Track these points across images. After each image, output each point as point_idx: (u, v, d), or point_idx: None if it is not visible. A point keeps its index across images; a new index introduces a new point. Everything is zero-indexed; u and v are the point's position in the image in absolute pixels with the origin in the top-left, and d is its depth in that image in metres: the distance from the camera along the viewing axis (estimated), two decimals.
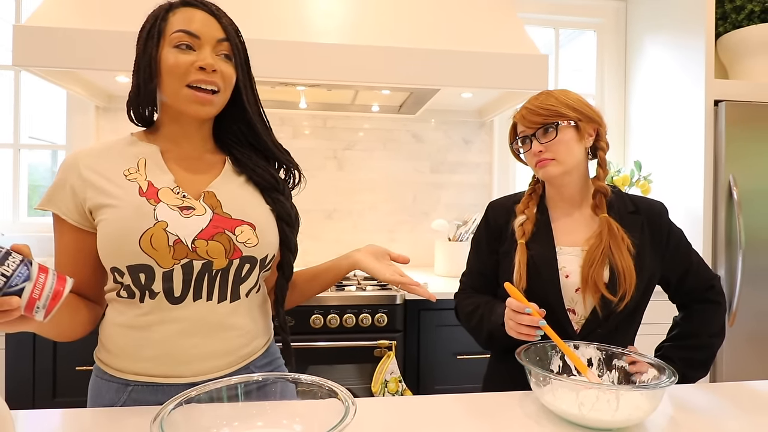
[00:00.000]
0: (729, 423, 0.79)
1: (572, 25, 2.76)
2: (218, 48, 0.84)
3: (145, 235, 0.76)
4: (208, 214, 0.82)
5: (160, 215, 0.78)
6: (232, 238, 0.82)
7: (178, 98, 0.82)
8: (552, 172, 1.02)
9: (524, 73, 1.94)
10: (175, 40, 0.81)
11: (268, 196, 0.91)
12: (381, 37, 1.90)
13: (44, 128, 2.51)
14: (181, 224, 0.79)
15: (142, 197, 0.79)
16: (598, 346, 0.90)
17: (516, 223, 1.08)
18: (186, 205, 0.81)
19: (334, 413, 0.60)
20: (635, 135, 2.62)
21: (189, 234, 0.79)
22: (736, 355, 2.08)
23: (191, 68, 0.80)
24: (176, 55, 0.81)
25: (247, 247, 0.83)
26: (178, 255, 0.78)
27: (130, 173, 0.82)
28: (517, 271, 1.02)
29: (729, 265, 2.08)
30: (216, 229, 0.81)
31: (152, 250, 0.76)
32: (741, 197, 2.06)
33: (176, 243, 0.78)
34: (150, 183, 0.82)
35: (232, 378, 0.70)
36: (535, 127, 1.02)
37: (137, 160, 0.84)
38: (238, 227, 0.83)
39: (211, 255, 0.80)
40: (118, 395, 0.82)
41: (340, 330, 1.76)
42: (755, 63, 2.24)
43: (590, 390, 0.75)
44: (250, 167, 0.91)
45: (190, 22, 0.82)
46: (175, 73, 0.80)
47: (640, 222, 1.04)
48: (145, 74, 0.82)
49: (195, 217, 0.80)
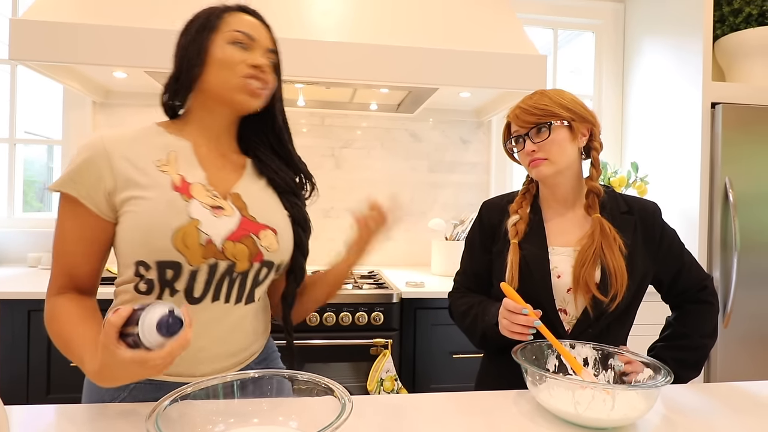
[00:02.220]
0: (722, 423, 0.79)
1: (571, 26, 2.76)
2: (268, 56, 0.87)
3: (178, 231, 0.76)
4: (237, 215, 0.83)
5: (193, 213, 0.78)
6: (256, 242, 0.83)
7: (229, 87, 0.83)
8: (544, 171, 1.02)
9: (522, 73, 1.94)
10: (231, 37, 0.83)
11: (286, 199, 0.92)
12: (380, 35, 1.90)
13: (40, 123, 2.50)
14: (213, 224, 0.79)
15: (175, 192, 0.79)
16: (594, 345, 0.91)
17: (509, 222, 1.08)
18: (217, 204, 0.82)
19: (330, 411, 0.60)
20: (632, 136, 2.63)
21: (219, 234, 0.79)
22: (731, 356, 2.10)
23: (244, 64, 0.83)
24: (231, 49, 0.83)
25: (269, 252, 0.84)
26: (207, 255, 0.78)
27: (161, 164, 0.81)
28: (509, 271, 1.02)
29: (724, 267, 2.09)
30: (243, 231, 0.82)
31: (184, 248, 0.76)
32: (737, 199, 2.07)
33: (208, 243, 0.78)
34: (182, 177, 0.81)
35: (228, 374, 0.70)
36: (528, 126, 1.02)
37: (168, 152, 0.83)
38: (262, 231, 0.84)
39: (236, 257, 0.81)
40: (117, 392, 0.81)
41: (336, 328, 1.76)
42: (752, 66, 2.25)
43: (586, 389, 0.75)
44: (272, 169, 0.92)
45: (248, 25, 0.86)
46: (229, 64, 0.82)
47: (633, 222, 1.04)
48: (191, 62, 0.83)
49: (225, 218, 0.81)
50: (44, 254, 2.13)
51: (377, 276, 2.15)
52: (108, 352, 0.62)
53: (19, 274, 1.97)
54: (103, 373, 0.65)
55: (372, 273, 2.22)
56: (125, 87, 2.21)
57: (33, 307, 1.64)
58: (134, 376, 0.64)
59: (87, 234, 0.79)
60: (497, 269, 1.08)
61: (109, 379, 0.65)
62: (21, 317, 1.63)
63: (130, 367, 0.62)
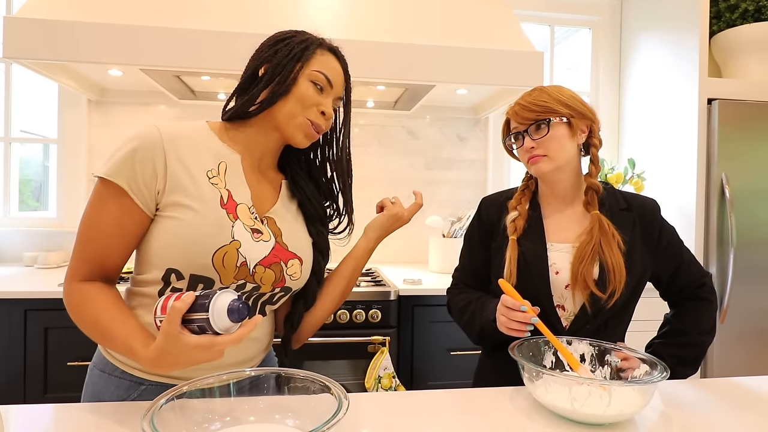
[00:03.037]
0: (719, 418, 0.80)
1: (567, 23, 2.76)
2: (336, 103, 0.91)
3: (219, 251, 0.78)
4: (272, 241, 0.86)
5: (237, 234, 0.80)
6: (283, 269, 0.86)
7: (292, 121, 0.86)
8: (544, 168, 1.02)
9: (519, 69, 1.94)
10: (315, 77, 0.86)
11: (313, 226, 0.95)
12: (376, 32, 1.90)
13: (36, 122, 2.49)
14: (251, 247, 0.82)
15: (222, 209, 0.80)
16: (590, 341, 0.91)
17: (508, 219, 1.08)
18: (257, 228, 0.84)
19: (327, 408, 0.60)
20: (629, 133, 2.63)
21: (254, 258, 0.82)
22: (727, 351, 2.10)
23: (316, 108, 0.86)
24: (313, 90, 0.86)
25: (292, 280, 0.88)
26: (239, 276, 0.81)
27: (212, 176, 0.82)
28: (507, 267, 1.02)
29: (720, 263, 2.10)
30: (275, 258, 0.85)
31: (221, 268, 0.78)
32: (733, 195, 2.08)
33: (242, 265, 0.80)
34: (230, 194, 0.83)
35: (223, 373, 0.70)
36: (528, 123, 1.02)
37: (218, 162, 0.84)
38: (291, 260, 0.87)
39: (263, 281, 0.84)
40: (128, 392, 0.82)
41: (333, 326, 1.76)
42: (749, 62, 2.25)
43: (583, 385, 0.75)
44: (305, 194, 0.95)
45: (333, 71, 0.88)
46: (305, 103, 0.85)
47: (632, 219, 1.04)
48: (279, 88, 0.84)
49: (262, 242, 0.84)
50: (40, 253, 2.12)
51: (375, 273, 2.15)
52: (171, 338, 0.63)
53: (15, 274, 1.96)
54: (163, 360, 0.65)
55: (369, 270, 2.22)
56: (121, 85, 2.20)
57: (29, 307, 1.63)
58: (196, 361, 0.65)
59: (127, 228, 0.79)
60: (496, 265, 1.08)
61: (169, 365, 0.66)
62: (17, 317, 1.63)
63: (194, 352, 0.63)
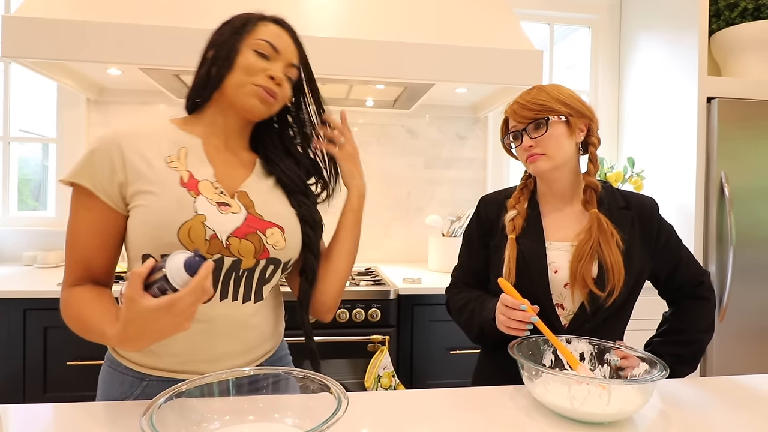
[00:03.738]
0: (718, 417, 0.80)
1: (567, 21, 2.76)
2: (288, 70, 0.90)
3: (184, 226, 0.77)
4: (243, 212, 0.84)
5: (200, 208, 0.80)
6: (262, 239, 0.84)
7: (241, 91, 0.85)
8: (542, 167, 1.02)
9: (519, 68, 1.94)
10: (258, 46, 0.86)
11: (293, 198, 0.93)
12: (376, 31, 1.89)
13: (35, 121, 2.48)
14: (219, 220, 0.81)
15: (183, 188, 0.80)
16: (590, 340, 0.91)
17: (507, 218, 1.08)
18: (223, 201, 0.83)
19: (327, 407, 0.60)
20: (628, 131, 2.63)
21: (225, 230, 0.81)
22: (726, 350, 2.11)
23: (262, 73, 0.86)
24: (254, 57, 0.86)
25: (275, 249, 0.86)
26: (212, 250, 0.80)
27: (171, 161, 0.83)
28: (506, 266, 1.02)
29: (720, 261, 2.10)
30: (249, 228, 0.83)
31: (189, 242, 0.78)
32: (732, 194, 2.08)
33: (212, 238, 0.79)
34: (191, 174, 0.83)
35: (223, 372, 0.69)
36: (526, 122, 1.02)
37: (178, 148, 0.85)
38: (269, 229, 0.86)
39: (241, 253, 0.82)
40: (131, 389, 0.82)
41: (333, 325, 1.76)
42: (748, 60, 2.25)
43: (582, 384, 0.75)
44: (280, 169, 0.94)
45: (276, 37, 0.88)
46: (250, 71, 0.85)
47: (631, 218, 1.04)
48: (222, 62, 0.85)
49: (231, 215, 0.83)
50: (39, 253, 2.12)
51: (374, 273, 2.15)
52: (133, 304, 0.63)
53: (14, 273, 1.96)
54: (128, 331, 0.65)
55: (369, 270, 2.22)
56: (120, 84, 2.20)
57: (29, 306, 1.63)
58: (163, 327, 0.64)
59: (101, 226, 0.80)
60: (495, 264, 1.08)
61: (135, 337, 0.66)
62: (17, 316, 1.63)
63: (157, 316, 0.63)
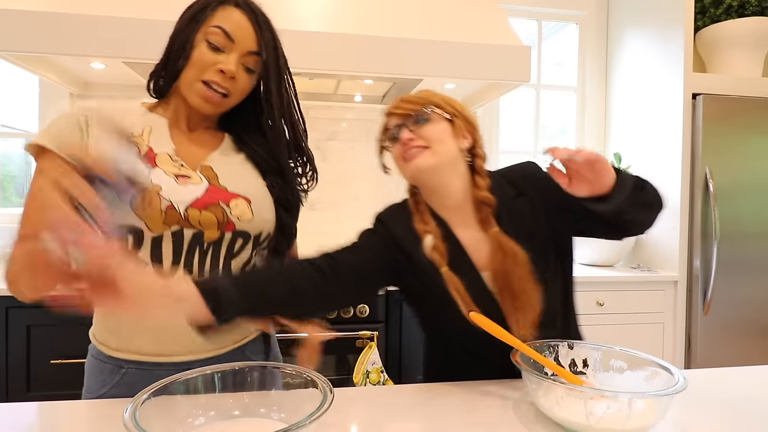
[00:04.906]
0: (703, 409, 0.81)
1: (555, 18, 2.77)
2: (246, 59, 0.85)
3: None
4: (204, 184, 0.82)
5: (155, 180, 0.78)
6: (225, 210, 0.82)
7: (190, 88, 0.83)
8: (424, 163, 0.87)
9: (507, 64, 1.94)
10: (210, 34, 0.82)
11: (267, 179, 0.91)
12: (363, 25, 1.88)
13: (17, 116, 2.44)
14: (175, 191, 0.79)
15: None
16: (594, 345, 0.85)
17: (426, 248, 0.89)
18: (182, 173, 0.81)
19: (313, 402, 0.60)
20: (615, 127, 2.65)
21: (182, 201, 0.79)
22: (711, 343, 2.14)
23: (212, 68, 0.82)
24: (206, 50, 0.82)
25: (241, 221, 0.83)
26: (169, 221, 0.78)
27: (132, 137, 0.81)
28: (463, 303, 0.86)
29: (704, 256, 2.13)
30: (210, 199, 0.81)
31: (142, 211, 0.76)
32: (717, 189, 2.10)
33: (168, 208, 0.77)
34: (150, 148, 0.82)
35: (207, 367, 0.69)
36: (407, 113, 0.90)
37: (144, 127, 0.85)
38: (233, 200, 0.83)
39: (202, 225, 0.80)
40: (111, 377, 0.82)
41: None
42: (732, 57, 2.28)
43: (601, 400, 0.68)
44: (251, 147, 0.91)
45: (233, 24, 0.83)
46: (196, 66, 0.82)
47: (527, 202, 0.92)
48: (178, 52, 0.83)
49: (190, 186, 0.81)
50: None
51: None
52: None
53: None
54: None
55: None
56: (104, 78, 2.16)
57: (11, 304, 1.60)
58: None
59: None
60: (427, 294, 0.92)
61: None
62: None
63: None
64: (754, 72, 2.29)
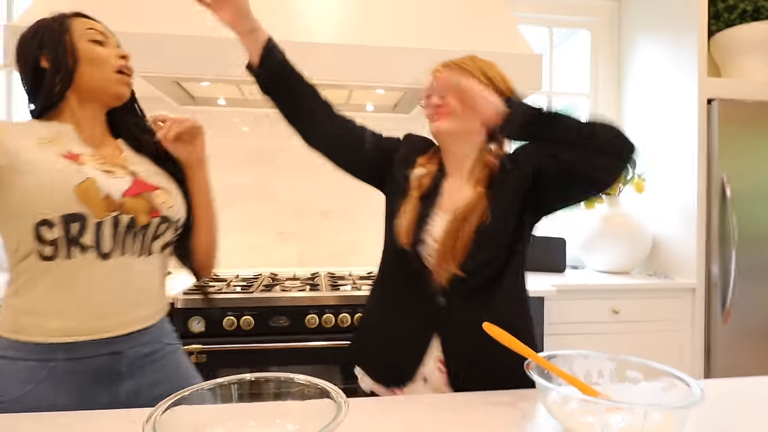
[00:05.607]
0: (725, 418, 0.79)
1: (566, 24, 2.76)
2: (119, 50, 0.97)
3: (79, 187, 0.82)
4: (129, 177, 0.92)
5: (89, 173, 0.85)
6: (152, 199, 0.92)
7: (106, 80, 0.92)
8: (442, 127, 1.00)
9: (518, 72, 1.91)
10: (90, 35, 0.92)
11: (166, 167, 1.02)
12: (374, 36, 1.90)
13: None
14: (108, 182, 0.87)
15: (64, 159, 0.85)
16: (610, 356, 0.83)
17: (415, 174, 1.05)
18: (107, 169, 0.90)
19: (327, 412, 0.60)
20: (629, 133, 2.62)
21: (116, 190, 0.87)
22: (731, 351, 2.10)
23: (114, 57, 0.93)
24: (96, 47, 0.92)
25: (167, 208, 0.95)
26: (111, 207, 0.86)
27: (45, 141, 0.87)
28: (406, 226, 1.00)
29: (723, 262, 2.09)
30: (139, 188, 0.92)
31: (87, 199, 0.82)
32: (734, 195, 2.08)
33: (107, 197, 0.86)
34: (69, 150, 0.88)
35: (225, 378, 0.70)
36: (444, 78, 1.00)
37: (53, 133, 0.89)
38: (155, 191, 0.94)
39: (136, 211, 0.90)
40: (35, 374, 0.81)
41: (335, 330, 1.75)
42: (747, 61, 2.25)
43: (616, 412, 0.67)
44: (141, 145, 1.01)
45: (94, 25, 0.94)
46: (100, 61, 0.91)
47: (519, 176, 1.01)
48: (66, 62, 0.89)
49: (118, 178, 0.90)
50: None
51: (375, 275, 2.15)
52: None
53: None
54: None
55: (370, 273, 2.22)
56: None
57: None
58: None
59: None
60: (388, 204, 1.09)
61: None
62: None
63: None
64: None
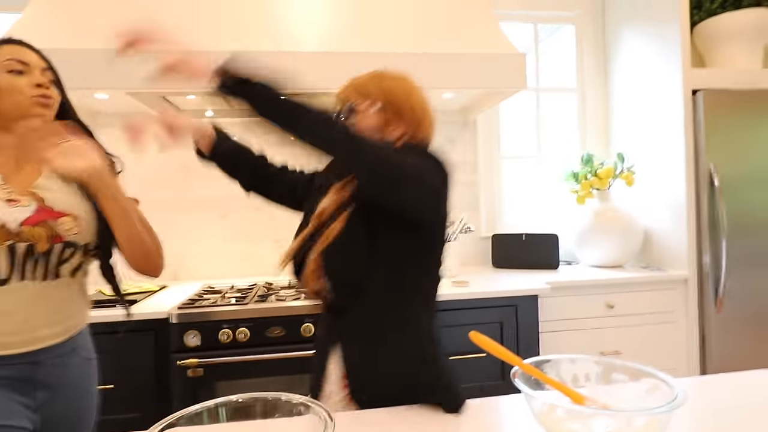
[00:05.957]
0: (722, 415, 0.80)
1: (550, 20, 2.77)
2: (45, 74, 1.00)
3: None
4: (33, 206, 0.96)
5: None
6: (54, 226, 0.96)
7: (23, 107, 0.95)
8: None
9: (503, 72, 1.95)
10: (8, 66, 0.95)
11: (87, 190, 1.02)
12: (359, 43, 1.91)
13: None
14: (7, 212, 0.92)
15: None
16: (596, 359, 0.84)
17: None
18: (12, 198, 0.94)
19: (314, 429, 0.61)
20: (617, 127, 2.64)
21: (14, 220, 0.92)
22: (726, 340, 2.11)
23: (29, 86, 0.96)
24: (11, 78, 0.95)
25: (71, 234, 0.98)
26: (3, 238, 0.90)
27: None
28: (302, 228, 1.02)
29: (714, 252, 2.11)
30: (40, 217, 0.95)
31: None
32: (722, 184, 2.09)
33: (2, 226, 0.90)
34: None
35: (211, 401, 0.70)
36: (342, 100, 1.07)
37: None
38: (60, 218, 0.98)
39: (34, 238, 0.94)
40: None
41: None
42: (730, 50, 2.26)
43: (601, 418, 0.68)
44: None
45: (17, 53, 0.97)
46: (14, 91, 0.95)
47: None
48: None
49: (20, 207, 0.94)
50: None
51: None
52: None
53: None
54: None
55: None
56: (108, 108, 2.21)
57: None
58: None
59: None
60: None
61: None
62: None
63: None
64: (754, 64, 2.28)
